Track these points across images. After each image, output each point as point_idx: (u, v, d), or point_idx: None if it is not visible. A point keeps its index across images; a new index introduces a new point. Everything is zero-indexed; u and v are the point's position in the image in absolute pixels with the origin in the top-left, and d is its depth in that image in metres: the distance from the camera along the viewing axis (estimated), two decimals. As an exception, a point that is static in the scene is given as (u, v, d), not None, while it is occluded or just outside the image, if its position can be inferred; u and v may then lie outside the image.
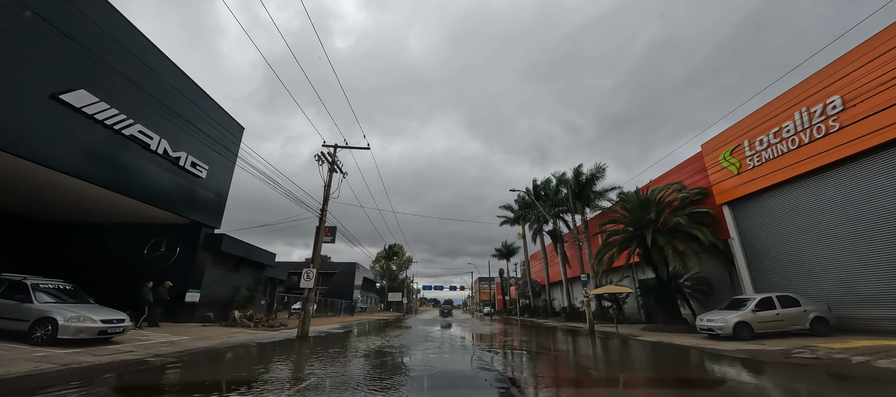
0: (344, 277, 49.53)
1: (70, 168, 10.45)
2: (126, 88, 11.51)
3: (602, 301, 27.23)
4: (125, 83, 11.41)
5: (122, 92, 11.54)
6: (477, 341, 14.58)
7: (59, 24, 9.48)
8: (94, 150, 11.17)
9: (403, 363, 8.61)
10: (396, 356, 9.65)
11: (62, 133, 10.15)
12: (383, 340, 13.65)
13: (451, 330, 20.91)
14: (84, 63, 10.34)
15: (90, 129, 10.86)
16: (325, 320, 27.45)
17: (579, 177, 29.63)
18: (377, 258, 75.17)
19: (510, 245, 62.91)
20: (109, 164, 11.60)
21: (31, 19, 9.12)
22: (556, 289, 44.54)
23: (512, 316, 50.70)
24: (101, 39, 10.76)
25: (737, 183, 16.29)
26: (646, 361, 9.49)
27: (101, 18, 10.91)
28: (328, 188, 15.91)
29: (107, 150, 11.48)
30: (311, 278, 14.18)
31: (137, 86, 11.70)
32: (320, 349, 10.84)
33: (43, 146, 9.73)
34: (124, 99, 11.67)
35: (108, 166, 11.54)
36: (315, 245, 14.94)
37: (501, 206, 50.78)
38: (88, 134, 10.86)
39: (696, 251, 16.52)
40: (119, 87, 11.39)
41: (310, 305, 14.05)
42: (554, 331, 19.79)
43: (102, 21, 10.93)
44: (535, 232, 39.72)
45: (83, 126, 10.65)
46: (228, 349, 10.08)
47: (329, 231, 35.76)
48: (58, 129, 10.03)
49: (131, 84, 11.54)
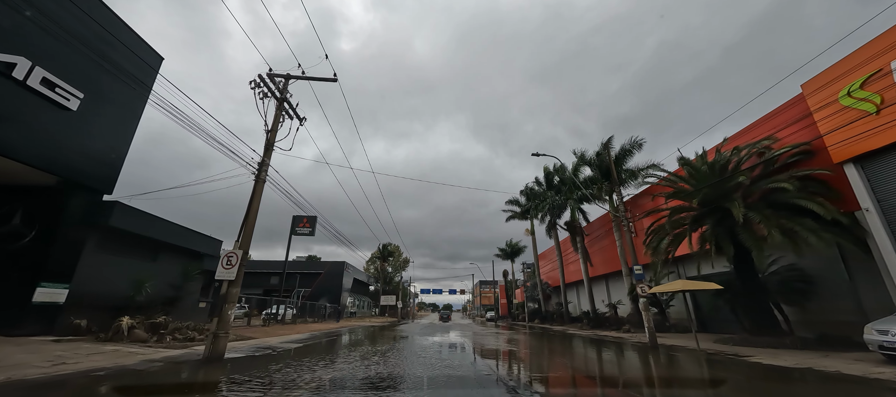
0: (331, 278, 44.09)
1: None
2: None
3: (637, 302, 21.99)
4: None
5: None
6: (501, 364, 9.38)
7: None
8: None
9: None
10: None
11: None
12: (351, 365, 8.37)
13: (454, 338, 15.58)
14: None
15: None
16: (298, 327, 22.09)
17: (607, 152, 24.41)
18: (371, 259, 69.53)
19: (516, 244, 57.58)
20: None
21: None
22: (571, 290, 39.20)
23: (518, 322, 45.28)
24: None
25: (873, 127, 11.14)
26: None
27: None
28: (274, 133, 10.65)
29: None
30: (234, 265, 8.89)
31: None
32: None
33: None
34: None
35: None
36: (247, 215, 9.63)
37: (507, 201, 45.58)
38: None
39: (810, 230, 11.36)
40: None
41: (229, 308, 8.73)
42: (592, 345, 14.50)
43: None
44: (549, 226, 34.42)
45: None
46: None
47: (308, 221, 30.33)
48: None
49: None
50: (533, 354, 11.81)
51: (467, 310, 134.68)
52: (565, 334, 21.54)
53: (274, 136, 10.65)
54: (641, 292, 13.12)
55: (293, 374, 7.00)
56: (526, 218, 44.40)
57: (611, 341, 15.77)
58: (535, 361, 10.29)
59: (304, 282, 44.96)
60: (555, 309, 39.50)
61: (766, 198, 12.72)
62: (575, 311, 36.59)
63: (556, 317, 35.55)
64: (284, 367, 7.82)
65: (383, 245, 63.77)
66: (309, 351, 11.08)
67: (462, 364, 9.09)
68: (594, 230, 30.99)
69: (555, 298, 45.81)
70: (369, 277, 70.76)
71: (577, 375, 7.99)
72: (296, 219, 28.54)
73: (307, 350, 11.30)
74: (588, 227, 31.21)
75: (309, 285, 42.39)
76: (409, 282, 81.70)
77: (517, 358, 10.87)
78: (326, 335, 17.87)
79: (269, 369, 7.55)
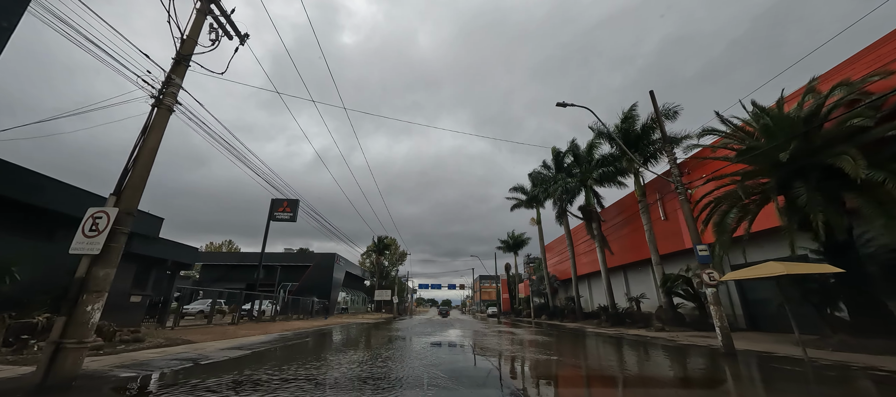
0: (320, 272, 40.69)
1: None
2: None
3: (672, 296, 18.70)
4: None
5: None
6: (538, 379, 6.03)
7: None
8: None
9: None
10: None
11: None
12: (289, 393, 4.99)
13: (456, 337, 12.21)
14: None
15: None
16: (273, 326, 18.72)
17: (631, 122, 20.97)
18: (367, 252, 66.08)
19: (519, 236, 54.29)
20: None
21: None
22: (582, 283, 35.92)
23: (522, 319, 42.06)
24: None
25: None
26: None
27: None
28: (191, 43, 7.15)
29: None
30: (101, 232, 5.45)
31: None
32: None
33: None
34: None
35: None
36: (136, 155, 6.16)
37: (512, 188, 42.13)
38: None
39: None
40: None
41: (88, 302, 5.29)
42: (635, 349, 11.13)
43: None
44: (559, 212, 31.00)
45: None
46: None
47: (288, 205, 26.86)
48: None
49: None
50: (568, 362, 8.45)
51: (467, 306, 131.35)
52: (586, 332, 18.21)
53: (191, 48, 7.15)
54: (709, 279, 9.72)
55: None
56: (532, 206, 41.06)
57: (655, 343, 12.42)
58: (583, 376, 6.93)
59: (293, 276, 41.54)
60: (564, 304, 36.24)
61: (883, 152, 9.33)
62: (587, 306, 33.35)
63: (566, 313, 32.29)
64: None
65: (379, 237, 60.43)
66: (246, 363, 7.67)
67: (479, 368, 5.68)
68: (611, 216, 27.65)
69: (562, 292, 42.57)
70: (365, 272, 67.49)
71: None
72: (274, 203, 25.10)
73: (246, 362, 7.89)
74: (604, 213, 27.85)
75: (294, 280, 39.00)
76: (407, 276, 78.46)
77: (555, 372, 7.50)
78: (299, 335, 14.49)
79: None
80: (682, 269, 18.11)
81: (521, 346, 12.04)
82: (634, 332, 17.22)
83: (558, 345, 12.38)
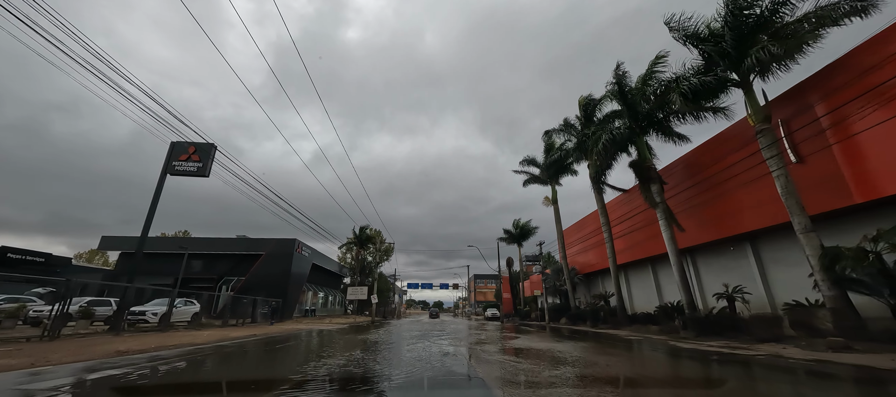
0: (275, 263, 31.79)
1: None
2: None
3: (844, 285, 10.56)
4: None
5: None
6: None
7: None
8: None
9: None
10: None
11: None
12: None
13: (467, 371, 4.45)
14: None
15: None
16: (164, 337, 10.08)
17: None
18: (347, 245, 56.75)
19: (524, 224, 46.05)
20: None
21: None
22: (619, 276, 27.52)
23: (530, 322, 33.75)
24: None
25: None
26: None
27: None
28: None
29: None
30: None
31: None
32: None
33: None
34: None
35: None
36: None
37: (522, 161, 33.87)
38: None
39: None
40: None
41: None
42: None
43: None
44: (595, 176, 22.68)
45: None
46: None
47: (196, 152, 17.59)
48: None
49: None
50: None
51: (460, 308, 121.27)
52: (682, 351, 9.85)
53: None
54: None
55: None
56: (546, 183, 32.92)
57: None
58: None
59: (246, 269, 32.60)
60: (591, 303, 27.75)
61: None
62: (631, 308, 25.17)
63: (598, 316, 24.01)
64: None
65: (361, 228, 51.65)
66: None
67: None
68: (675, 177, 19.58)
69: (582, 290, 34.39)
70: (343, 268, 58.56)
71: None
72: (175, 148, 16.38)
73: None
74: (664, 171, 19.76)
75: (241, 273, 30.18)
76: (395, 275, 69.47)
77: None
78: (129, 363, 5.92)
79: None
80: (867, 237, 9.96)
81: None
82: (767, 351, 9.06)
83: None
